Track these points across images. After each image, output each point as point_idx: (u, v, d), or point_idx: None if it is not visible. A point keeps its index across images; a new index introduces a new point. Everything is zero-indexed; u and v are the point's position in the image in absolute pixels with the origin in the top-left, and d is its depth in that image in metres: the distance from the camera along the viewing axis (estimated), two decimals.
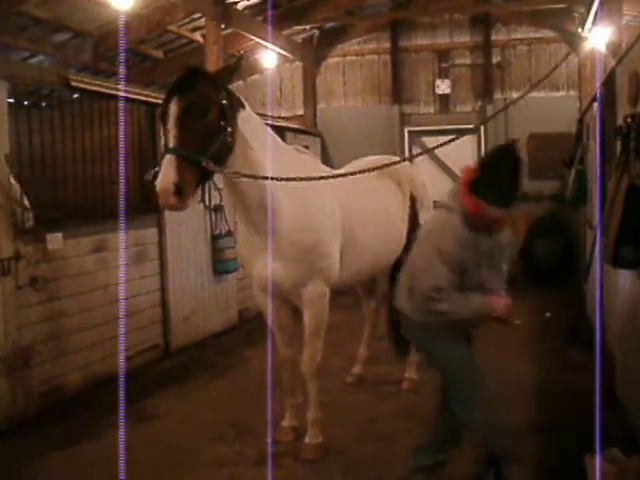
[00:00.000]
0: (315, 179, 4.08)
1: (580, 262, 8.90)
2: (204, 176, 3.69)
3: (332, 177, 4.24)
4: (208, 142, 3.66)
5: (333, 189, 4.50)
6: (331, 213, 4.39)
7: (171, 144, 3.56)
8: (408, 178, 5.48)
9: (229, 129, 3.79)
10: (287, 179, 3.88)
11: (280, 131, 8.64)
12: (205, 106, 3.67)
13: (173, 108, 3.61)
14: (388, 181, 5.27)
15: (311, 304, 4.33)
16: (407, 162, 7.15)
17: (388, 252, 5.11)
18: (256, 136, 4.03)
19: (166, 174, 3.47)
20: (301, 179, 3.93)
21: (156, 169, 3.64)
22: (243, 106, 4.01)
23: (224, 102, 3.78)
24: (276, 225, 4.08)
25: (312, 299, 4.32)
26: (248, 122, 4.01)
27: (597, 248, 5.62)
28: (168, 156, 3.51)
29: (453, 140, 4.01)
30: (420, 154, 4.28)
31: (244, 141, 3.92)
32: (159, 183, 3.47)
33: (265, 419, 4.30)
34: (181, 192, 3.47)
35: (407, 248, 5.35)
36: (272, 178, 3.90)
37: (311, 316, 4.36)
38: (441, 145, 4.05)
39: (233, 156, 3.86)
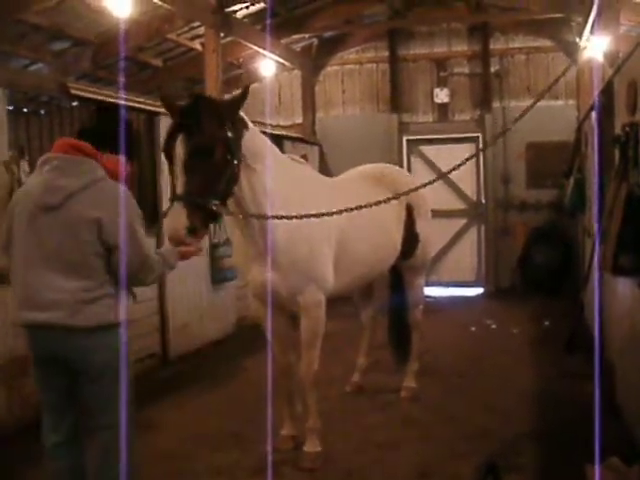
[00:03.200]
0: (316, 215, 3.97)
1: (579, 270, 8.91)
2: (214, 217, 3.67)
3: (330, 214, 4.03)
4: (216, 182, 3.62)
5: (328, 198, 4.50)
6: (326, 222, 4.38)
7: (179, 190, 3.51)
8: (405, 187, 5.46)
9: (235, 162, 3.76)
10: (290, 217, 3.86)
11: (279, 140, 8.66)
12: (213, 144, 3.59)
13: (179, 150, 3.53)
14: (384, 190, 5.26)
15: (307, 312, 4.32)
16: (405, 171, 7.18)
17: (381, 261, 5.12)
18: (258, 156, 4.00)
19: (176, 221, 3.44)
20: (302, 216, 3.89)
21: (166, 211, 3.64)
22: (246, 126, 3.94)
23: (230, 135, 3.71)
24: (273, 234, 4.08)
25: (308, 307, 4.31)
26: (252, 140, 3.97)
27: (595, 256, 5.62)
28: (176, 204, 3.48)
29: (468, 160, 3.91)
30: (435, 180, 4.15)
31: (247, 166, 3.90)
32: (168, 230, 3.47)
33: (264, 427, 4.28)
34: (195, 233, 3.46)
35: (404, 255, 5.41)
36: (281, 217, 3.89)
37: (308, 324, 4.35)
38: (456, 168, 3.88)
39: (238, 185, 3.85)
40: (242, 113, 3.94)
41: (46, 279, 2.97)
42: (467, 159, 3.90)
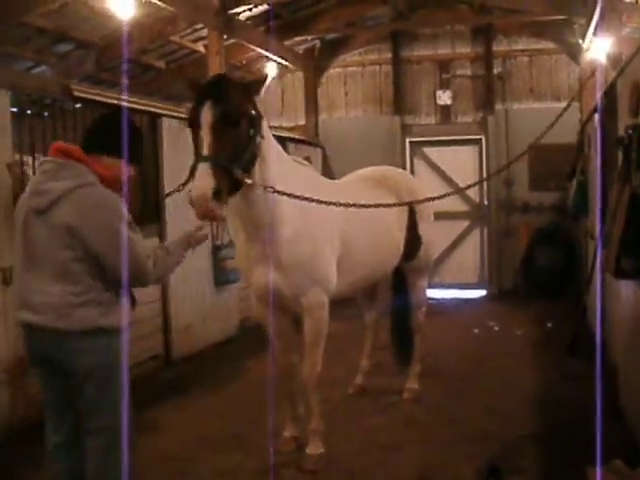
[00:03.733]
0: (326, 203, 4.05)
1: (582, 273, 8.90)
2: (236, 187, 3.67)
3: (338, 204, 4.21)
4: (240, 152, 3.64)
5: (332, 199, 4.51)
6: (330, 223, 4.40)
7: (205, 152, 3.51)
8: (407, 189, 5.49)
9: (257, 140, 3.79)
10: (307, 199, 3.92)
11: (282, 142, 8.64)
12: (238, 115, 3.64)
13: (206, 115, 3.56)
14: (387, 192, 5.28)
15: (311, 313, 4.33)
16: (408, 174, 7.18)
17: (384, 263, 5.12)
18: (269, 148, 4.03)
19: (203, 181, 3.41)
20: (313, 200, 3.94)
21: (180, 187, 3.66)
22: (262, 117, 4.00)
23: (253, 112, 3.77)
24: (277, 234, 4.09)
25: (312, 308, 4.32)
26: (266, 130, 4.02)
27: (598, 259, 5.61)
28: (202, 164, 3.47)
29: (476, 184, 3.94)
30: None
31: (262, 152, 3.92)
32: (195, 189, 3.41)
33: (266, 429, 4.28)
34: (219, 197, 3.43)
35: (407, 257, 5.41)
36: (307, 199, 3.94)
37: (311, 325, 4.36)
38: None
39: (256, 167, 3.86)
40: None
41: (36, 281, 3.00)
42: (475, 184, 3.93)
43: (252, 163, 3.78)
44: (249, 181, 3.71)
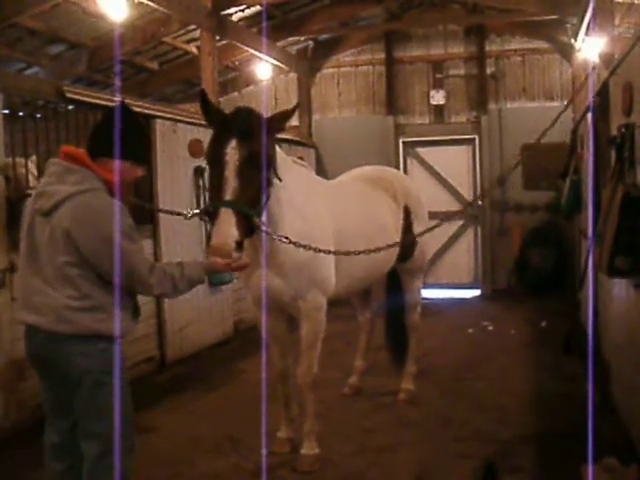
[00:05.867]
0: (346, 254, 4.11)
1: (575, 271, 8.92)
2: (252, 232, 3.53)
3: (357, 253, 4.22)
4: (259, 195, 3.50)
5: (328, 201, 4.51)
6: (327, 225, 4.39)
7: (228, 196, 3.37)
8: (403, 190, 5.49)
9: (273, 180, 3.71)
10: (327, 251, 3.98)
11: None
12: (265, 158, 3.48)
13: (232, 154, 3.41)
14: (383, 193, 5.28)
15: (309, 316, 4.32)
16: (402, 174, 7.18)
17: (381, 264, 5.12)
18: (284, 186, 3.96)
19: (225, 231, 3.27)
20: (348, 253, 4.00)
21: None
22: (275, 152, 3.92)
23: (273, 152, 3.67)
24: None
25: (310, 311, 4.31)
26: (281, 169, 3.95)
27: (590, 257, 5.62)
28: (225, 210, 3.32)
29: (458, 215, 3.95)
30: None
31: (276, 193, 3.84)
32: (219, 238, 3.25)
33: (261, 431, 4.27)
34: (240, 248, 3.29)
35: (402, 258, 5.41)
36: (321, 250, 3.95)
37: (309, 328, 4.35)
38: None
39: (268, 206, 3.77)
40: None
41: (38, 283, 3.00)
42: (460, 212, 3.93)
43: (265, 204, 3.66)
44: (267, 231, 3.63)
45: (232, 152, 3.42)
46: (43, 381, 3.17)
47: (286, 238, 3.85)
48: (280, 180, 3.81)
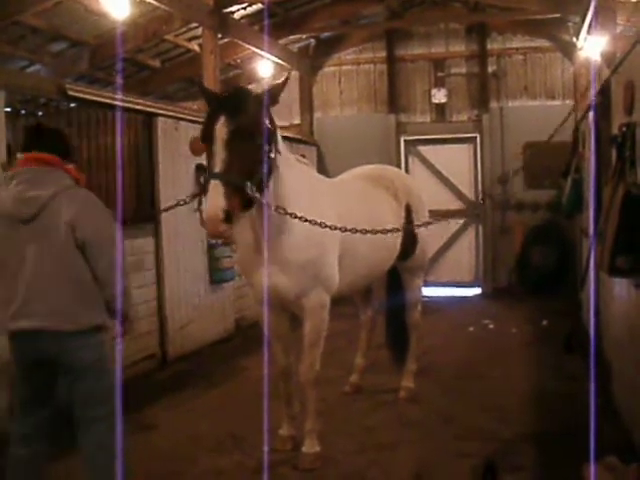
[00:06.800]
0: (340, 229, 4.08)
1: (577, 270, 8.92)
2: (249, 204, 3.61)
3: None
4: (255, 168, 3.58)
5: (331, 199, 4.52)
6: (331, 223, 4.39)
7: (217, 168, 3.46)
8: (405, 189, 5.49)
9: (272, 154, 3.74)
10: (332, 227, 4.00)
11: None
12: (254, 130, 3.57)
13: (220, 130, 3.49)
14: (385, 192, 5.29)
15: (312, 314, 4.33)
16: (403, 173, 7.18)
17: (382, 261, 5.13)
18: (284, 161, 4.01)
19: (214, 201, 3.36)
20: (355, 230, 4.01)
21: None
22: (277, 129, 3.95)
23: (269, 126, 3.70)
24: (285, 237, 4.08)
25: (314, 309, 4.32)
26: (281, 146, 3.99)
27: (591, 256, 5.63)
28: (213, 181, 3.41)
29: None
30: None
31: (277, 168, 3.88)
32: (208, 210, 3.37)
33: (263, 428, 4.28)
34: (229, 219, 3.38)
35: (403, 256, 5.42)
36: (327, 226, 3.96)
37: (312, 326, 4.36)
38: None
39: (271, 182, 3.81)
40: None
41: (31, 290, 3.06)
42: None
43: (267, 179, 3.72)
44: (261, 199, 3.66)
45: (220, 127, 3.51)
46: (27, 380, 3.29)
47: (294, 216, 3.89)
48: (280, 153, 3.85)
